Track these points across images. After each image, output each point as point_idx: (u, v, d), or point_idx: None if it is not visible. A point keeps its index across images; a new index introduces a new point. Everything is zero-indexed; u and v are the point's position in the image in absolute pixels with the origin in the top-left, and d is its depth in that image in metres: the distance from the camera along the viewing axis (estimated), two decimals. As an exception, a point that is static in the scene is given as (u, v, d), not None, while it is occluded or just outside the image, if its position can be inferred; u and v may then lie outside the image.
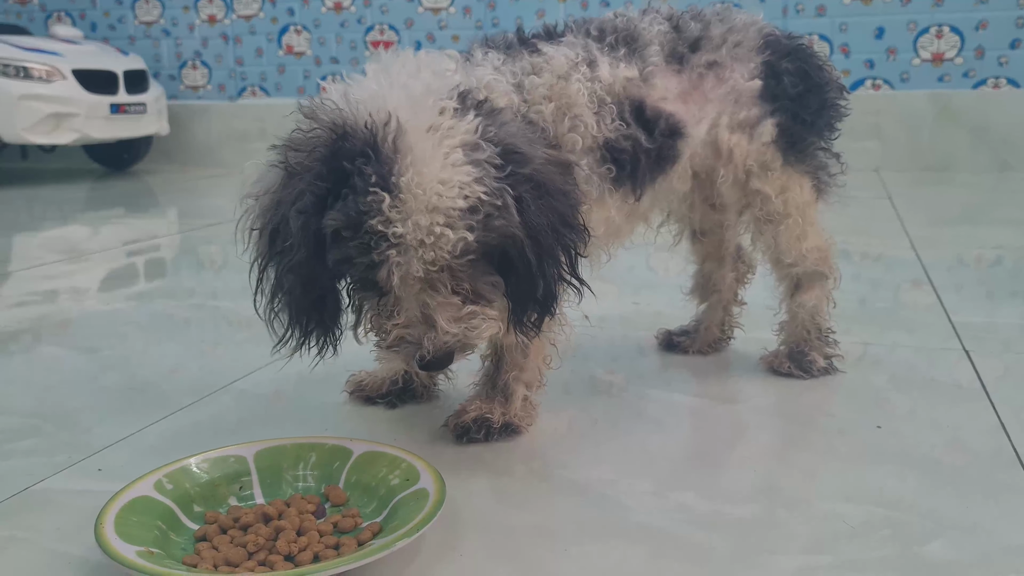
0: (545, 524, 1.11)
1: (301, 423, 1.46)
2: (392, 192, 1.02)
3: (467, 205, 1.04)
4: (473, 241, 1.05)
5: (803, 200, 1.55)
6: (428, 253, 1.04)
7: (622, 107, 1.35)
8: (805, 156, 1.54)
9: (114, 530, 0.97)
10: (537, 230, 1.10)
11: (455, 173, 1.03)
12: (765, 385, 1.61)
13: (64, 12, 6.36)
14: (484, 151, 1.06)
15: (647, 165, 1.39)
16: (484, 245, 1.08)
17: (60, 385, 1.67)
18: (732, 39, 1.49)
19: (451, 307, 1.10)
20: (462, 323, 1.11)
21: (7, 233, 3.54)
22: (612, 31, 1.41)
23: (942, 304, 2.12)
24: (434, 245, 1.04)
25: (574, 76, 1.32)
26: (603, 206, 1.37)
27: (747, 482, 1.22)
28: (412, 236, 1.03)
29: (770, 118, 1.50)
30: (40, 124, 4.98)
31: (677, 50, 1.45)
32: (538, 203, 1.10)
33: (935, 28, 4.78)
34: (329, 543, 1.01)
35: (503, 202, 1.06)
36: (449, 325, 1.10)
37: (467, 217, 1.04)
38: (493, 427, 1.34)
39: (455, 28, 5.52)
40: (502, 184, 1.06)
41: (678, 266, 2.48)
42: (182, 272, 2.82)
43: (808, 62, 1.53)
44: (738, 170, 1.51)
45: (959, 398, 1.52)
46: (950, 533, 1.07)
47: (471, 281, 1.12)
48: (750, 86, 1.48)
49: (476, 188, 1.04)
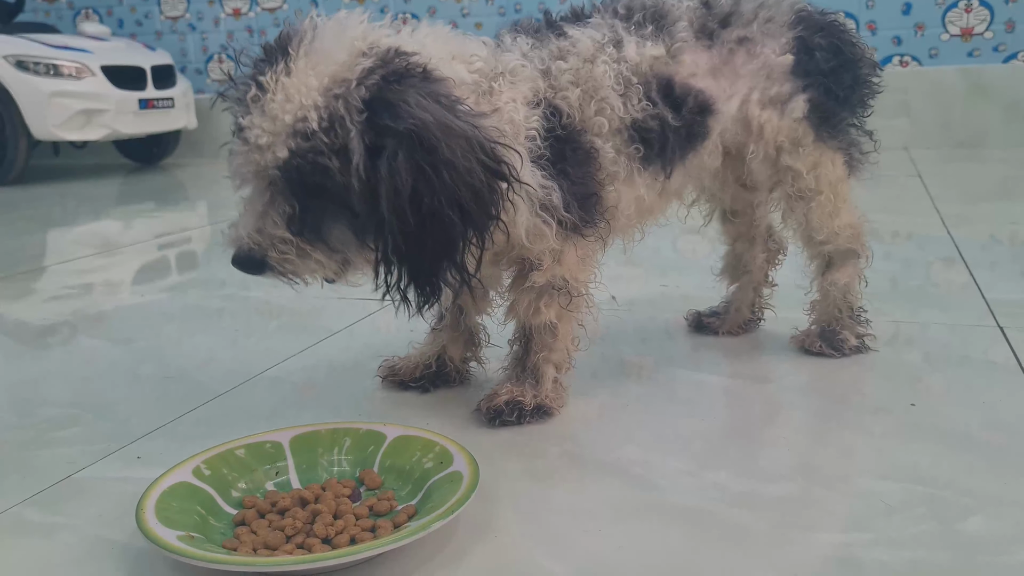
0: (579, 504, 1.12)
1: (334, 409, 1.47)
2: (261, 89, 1.10)
3: (297, 126, 1.08)
4: (290, 162, 1.09)
5: (835, 176, 1.54)
6: (257, 156, 1.11)
7: (649, 86, 1.35)
8: (837, 132, 1.52)
9: (155, 515, 0.99)
10: (395, 192, 1.07)
11: (304, 92, 1.09)
12: (797, 364, 1.60)
13: (92, 9, 6.43)
14: (351, 95, 1.09)
15: (676, 143, 1.38)
16: (302, 173, 1.10)
17: (97, 376, 1.70)
18: (763, 15, 1.47)
19: (270, 222, 1.14)
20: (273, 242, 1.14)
21: (42, 229, 3.59)
22: (640, 9, 1.40)
23: (975, 281, 2.09)
24: (264, 150, 1.10)
25: (600, 58, 1.31)
26: (632, 185, 1.37)
27: (782, 461, 1.22)
28: (251, 134, 1.10)
29: (802, 93, 1.48)
30: (71, 121, 5.04)
31: (707, 26, 1.44)
32: (408, 162, 1.07)
33: (964, 2, 4.70)
34: (365, 526, 1.02)
35: (341, 142, 1.08)
36: (250, 232, 1.15)
37: (295, 137, 1.08)
38: (525, 409, 1.34)
39: (477, 15, 5.51)
40: (352, 132, 1.08)
41: (705, 248, 2.48)
42: (213, 264, 2.85)
43: (841, 37, 1.52)
44: (769, 146, 1.50)
45: (994, 376, 1.51)
46: (988, 509, 1.06)
47: (315, 219, 1.14)
48: (781, 61, 1.47)
49: (312, 114, 1.08)
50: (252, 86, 1.12)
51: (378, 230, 1.12)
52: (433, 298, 1.18)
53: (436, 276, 1.15)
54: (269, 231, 1.14)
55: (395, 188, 1.07)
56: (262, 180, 1.14)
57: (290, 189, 1.13)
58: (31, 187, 4.96)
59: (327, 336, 1.87)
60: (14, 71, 4.94)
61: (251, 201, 1.16)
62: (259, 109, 1.11)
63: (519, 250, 1.32)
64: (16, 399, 1.58)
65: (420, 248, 1.11)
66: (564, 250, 1.32)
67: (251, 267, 1.17)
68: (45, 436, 1.40)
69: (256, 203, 1.15)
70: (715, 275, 1.81)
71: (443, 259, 1.13)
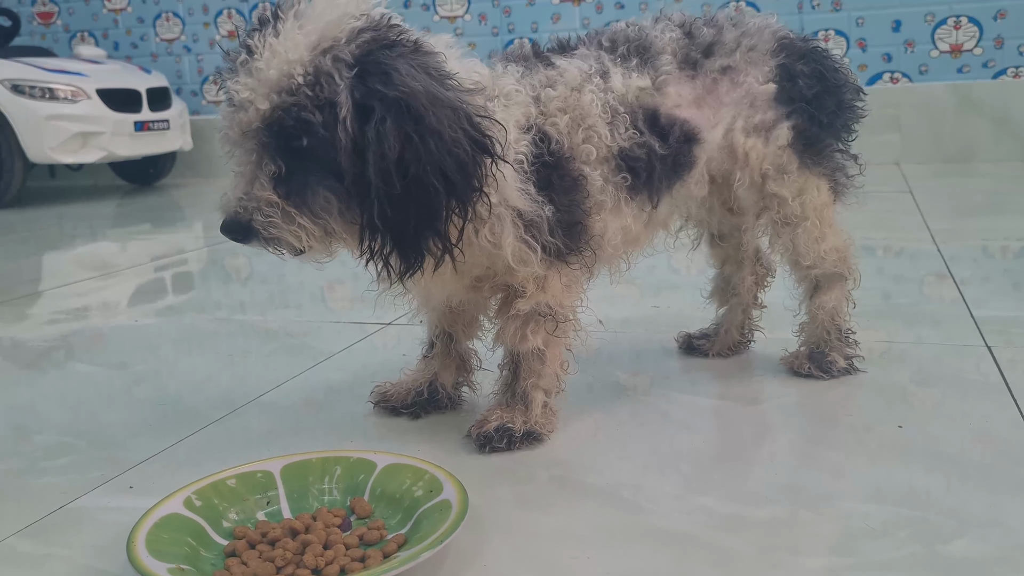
0: (569, 529, 1.13)
1: (329, 434, 1.48)
2: (250, 52, 1.12)
3: (281, 82, 1.10)
4: (272, 115, 1.11)
5: (820, 202, 1.56)
6: (242, 115, 1.12)
7: (636, 116, 1.36)
8: (822, 158, 1.54)
9: (145, 548, 1.00)
10: (381, 156, 1.10)
11: (291, 48, 1.11)
12: (786, 385, 1.61)
13: (87, 32, 6.46)
14: (341, 51, 1.11)
15: (663, 172, 1.39)
16: (284, 128, 1.12)
17: (93, 401, 1.71)
18: (746, 43, 1.49)
19: (257, 184, 1.16)
20: (260, 205, 1.15)
21: (38, 251, 3.61)
22: (624, 41, 1.42)
23: (964, 299, 2.10)
24: (247, 106, 1.12)
25: (587, 87, 1.33)
26: (620, 215, 1.38)
27: (770, 482, 1.23)
28: (237, 95, 1.12)
29: (786, 121, 1.50)
30: (67, 143, 5.06)
31: (690, 56, 1.46)
32: (396, 126, 1.09)
33: (953, 19, 4.74)
34: (355, 556, 1.03)
35: (327, 97, 1.10)
36: (239, 196, 1.16)
37: (279, 93, 1.10)
38: (515, 435, 1.35)
39: (471, 35, 5.54)
40: (340, 87, 1.10)
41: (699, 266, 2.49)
42: (209, 285, 2.86)
43: (823, 64, 1.53)
44: (754, 173, 1.52)
45: (982, 395, 1.52)
46: (974, 531, 1.07)
47: (300, 183, 1.15)
48: (765, 89, 1.49)
49: (297, 69, 1.10)
50: (242, 52, 1.15)
51: (362, 196, 1.14)
52: (416, 265, 1.19)
53: (419, 243, 1.16)
54: (256, 193, 1.16)
55: (382, 153, 1.10)
56: (248, 140, 1.16)
57: (275, 147, 1.14)
58: (27, 209, 4.97)
59: (323, 359, 1.88)
60: (10, 95, 4.97)
61: (239, 166, 1.18)
62: (246, 70, 1.13)
63: (503, 276, 1.33)
64: (11, 425, 1.59)
65: (404, 214, 1.14)
66: (548, 276, 1.33)
67: (238, 232, 1.18)
68: (39, 465, 1.41)
69: (243, 166, 1.17)
70: (703, 297, 1.83)
71: (426, 227, 1.15)
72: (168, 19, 6.25)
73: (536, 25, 5.40)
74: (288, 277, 2.78)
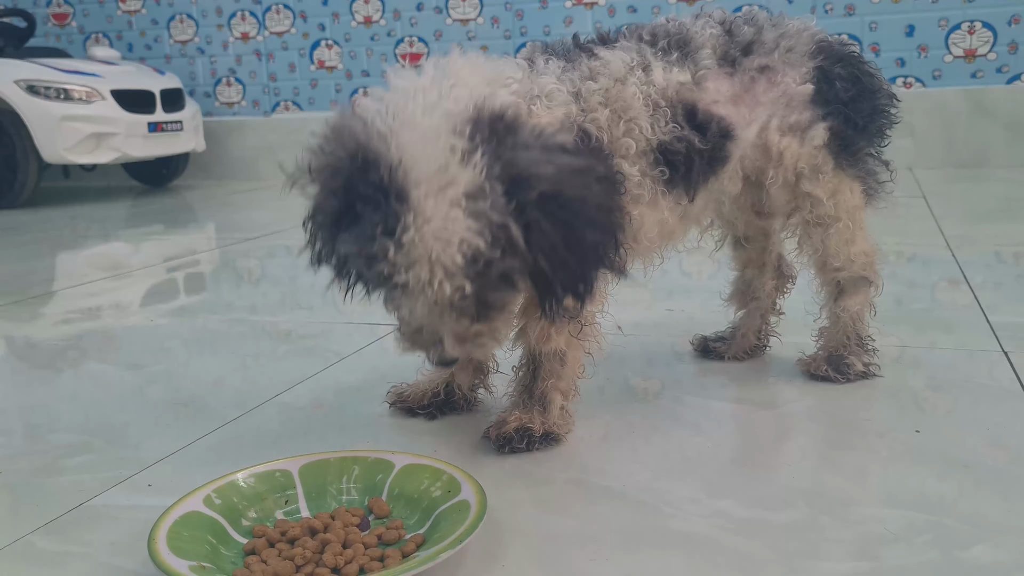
0: (586, 531, 1.13)
1: (343, 434, 1.48)
2: (396, 243, 1.07)
3: (466, 259, 1.08)
4: (471, 286, 1.10)
5: (853, 204, 1.56)
6: (430, 298, 1.11)
7: (675, 110, 1.36)
8: (856, 160, 1.55)
9: (167, 545, 1.00)
10: (551, 247, 1.11)
11: (454, 230, 1.06)
12: (803, 389, 1.61)
13: (102, 33, 6.49)
14: (487, 198, 1.07)
15: (700, 167, 1.40)
16: (487, 281, 1.12)
17: (107, 401, 1.71)
18: (784, 44, 1.49)
19: (458, 329, 1.18)
20: (467, 342, 1.19)
21: (52, 251, 3.63)
22: (664, 36, 1.42)
23: (979, 303, 2.10)
24: (436, 292, 1.09)
25: (630, 79, 1.33)
26: (656, 208, 1.38)
27: (788, 487, 1.23)
28: (414, 284, 1.09)
29: (822, 122, 1.50)
30: (81, 144, 5.09)
31: (729, 53, 1.46)
32: (550, 220, 1.10)
33: (967, 24, 4.72)
34: (374, 555, 1.03)
35: (507, 239, 1.09)
36: (452, 347, 1.18)
37: (467, 268, 1.08)
38: (535, 436, 1.36)
39: (484, 39, 5.55)
40: (506, 220, 1.08)
41: (711, 270, 2.49)
42: (222, 286, 2.87)
43: (860, 68, 1.54)
44: (788, 172, 1.52)
45: (999, 399, 1.51)
46: (991, 537, 1.07)
47: (479, 298, 1.15)
48: (802, 90, 1.49)
49: (475, 240, 1.07)
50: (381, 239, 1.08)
51: (539, 283, 1.17)
52: (589, 296, 1.21)
53: (593, 281, 1.20)
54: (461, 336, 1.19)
55: (551, 246, 1.11)
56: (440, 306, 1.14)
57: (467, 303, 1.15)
58: (41, 209, 5.00)
59: (336, 360, 1.89)
60: (25, 95, 4.99)
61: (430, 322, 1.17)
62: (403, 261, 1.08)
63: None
64: (28, 424, 1.60)
65: (581, 273, 1.17)
66: None
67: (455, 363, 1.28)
68: (57, 463, 1.41)
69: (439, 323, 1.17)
70: (723, 299, 1.83)
71: (599, 268, 1.19)
72: (182, 21, 6.27)
73: (548, 28, 5.40)
74: (299, 279, 2.79)
